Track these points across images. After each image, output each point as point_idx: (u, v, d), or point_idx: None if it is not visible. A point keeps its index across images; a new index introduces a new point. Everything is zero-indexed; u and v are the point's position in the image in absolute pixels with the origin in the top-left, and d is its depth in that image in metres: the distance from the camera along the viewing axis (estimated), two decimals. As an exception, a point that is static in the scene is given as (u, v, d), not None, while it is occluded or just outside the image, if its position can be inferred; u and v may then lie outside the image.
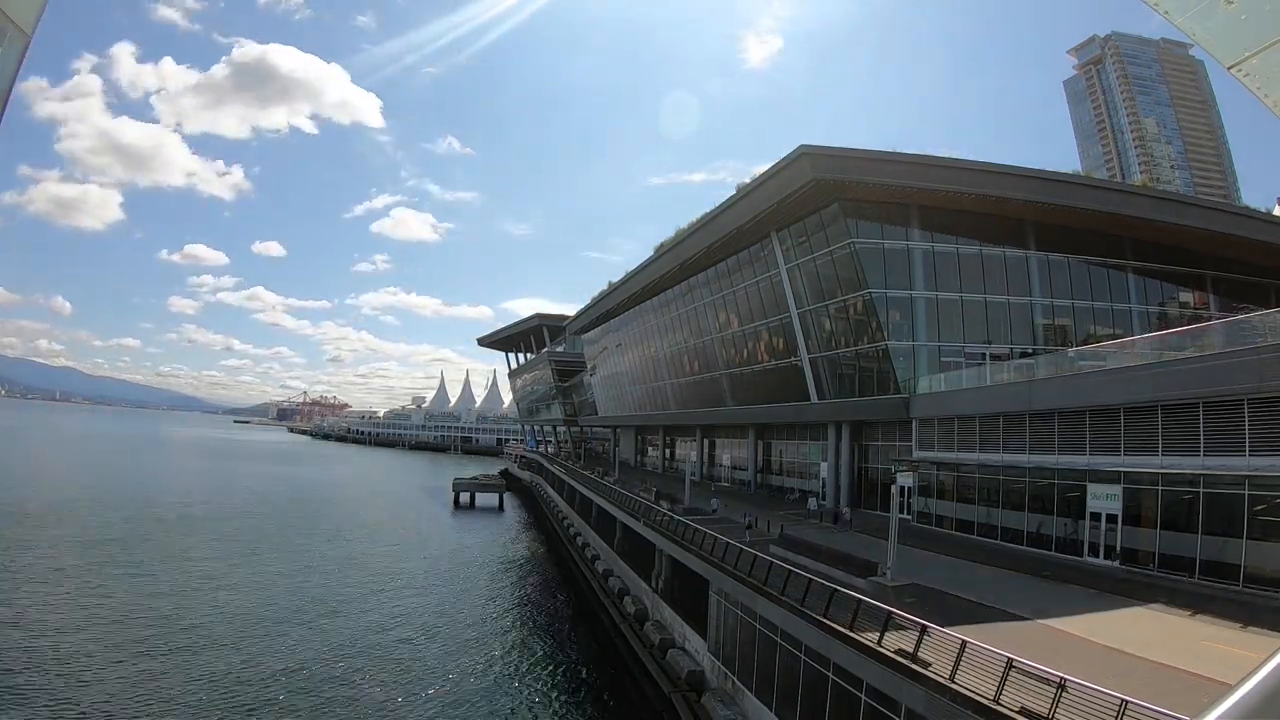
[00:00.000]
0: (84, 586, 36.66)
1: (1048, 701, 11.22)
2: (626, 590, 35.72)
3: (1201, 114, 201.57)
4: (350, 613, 36.41)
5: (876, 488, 39.10)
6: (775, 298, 43.69)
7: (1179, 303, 39.73)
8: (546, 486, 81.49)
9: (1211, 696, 1.96)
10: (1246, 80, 3.29)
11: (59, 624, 30.28)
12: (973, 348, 35.37)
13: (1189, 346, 23.39)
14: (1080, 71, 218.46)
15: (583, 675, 30.00)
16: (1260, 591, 18.98)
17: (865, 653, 15.24)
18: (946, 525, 32.17)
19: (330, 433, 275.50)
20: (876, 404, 36.94)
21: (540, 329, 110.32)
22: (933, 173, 34.11)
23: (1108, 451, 23.97)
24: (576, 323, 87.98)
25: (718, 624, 23.94)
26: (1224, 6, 3.21)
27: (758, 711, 20.39)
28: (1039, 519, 27.26)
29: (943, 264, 36.34)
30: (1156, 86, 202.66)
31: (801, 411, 43.81)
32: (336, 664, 28.67)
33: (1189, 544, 21.41)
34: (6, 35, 4.09)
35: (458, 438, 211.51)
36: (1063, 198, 34.51)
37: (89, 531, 51.40)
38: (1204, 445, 20.69)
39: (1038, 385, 27.60)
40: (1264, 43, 3.16)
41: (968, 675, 12.69)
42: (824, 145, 34.15)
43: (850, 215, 36.14)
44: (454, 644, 32.76)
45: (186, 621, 32.19)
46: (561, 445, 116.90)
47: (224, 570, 43.33)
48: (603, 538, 45.61)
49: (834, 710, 16.79)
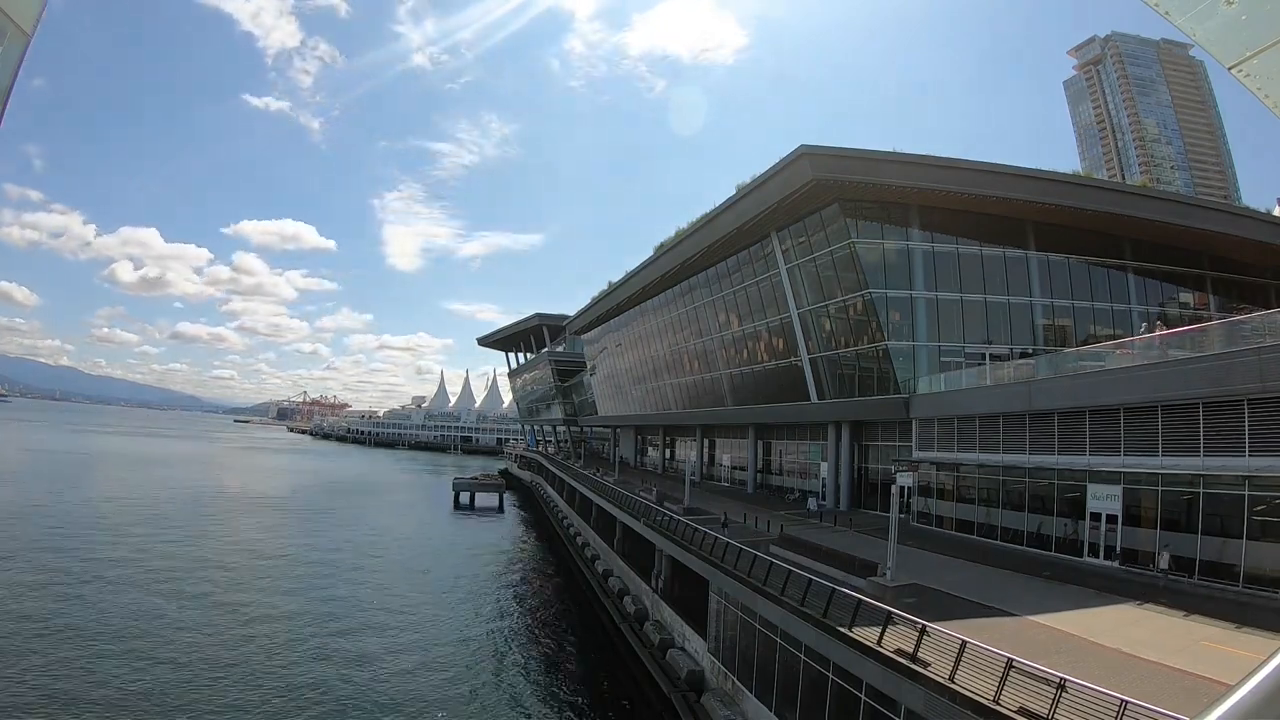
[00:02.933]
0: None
1: (1048, 702, 11.22)
2: (626, 590, 35.72)
3: (1201, 114, 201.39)
4: (349, 613, 36.40)
5: (876, 488, 39.12)
6: (775, 298, 43.69)
7: (1179, 303, 39.71)
8: (546, 486, 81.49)
9: (1211, 697, 1.96)
10: (1246, 80, 3.28)
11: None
12: (973, 348, 35.35)
13: (1189, 346, 23.40)
14: (1080, 71, 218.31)
15: (582, 675, 29.99)
16: (1260, 592, 19.00)
17: (865, 653, 15.25)
18: (946, 525, 32.16)
19: (330, 432, 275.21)
20: (876, 404, 36.94)
21: (540, 329, 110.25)
22: (933, 173, 34.10)
23: (1108, 452, 23.97)
24: (576, 323, 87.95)
25: (718, 624, 23.94)
26: (1224, 7, 3.20)
27: (758, 711, 20.39)
28: (1039, 519, 27.26)
29: (943, 264, 36.34)
30: (1157, 87, 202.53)
31: (801, 411, 43.80)
32: (336, 664, 28.67)
33: (1189, 544, 21.41)
34: (6, 35, 4.09)
35: (458, 437, 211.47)
36: (1063, 198, 34.50)
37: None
38: (1204, 445, 20.69)
39: (1038, 385, 27.59)
40: (1264, 43, 3.16)
41: (968, 675, 12.70)
42: (824, 145, 34.15)
43: (850, 215, 36.15)
44: (453, 644, 32.76)
45: (178, 627, 32.17)
46: (561, 445, 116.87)
47: (216, 581, 43.27)
48: (603, 537, 45.60)
49: (834, 710, 16.79)
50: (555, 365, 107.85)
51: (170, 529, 55.15)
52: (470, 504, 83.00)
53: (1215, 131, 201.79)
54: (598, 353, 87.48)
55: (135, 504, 67.05)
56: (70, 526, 52.74)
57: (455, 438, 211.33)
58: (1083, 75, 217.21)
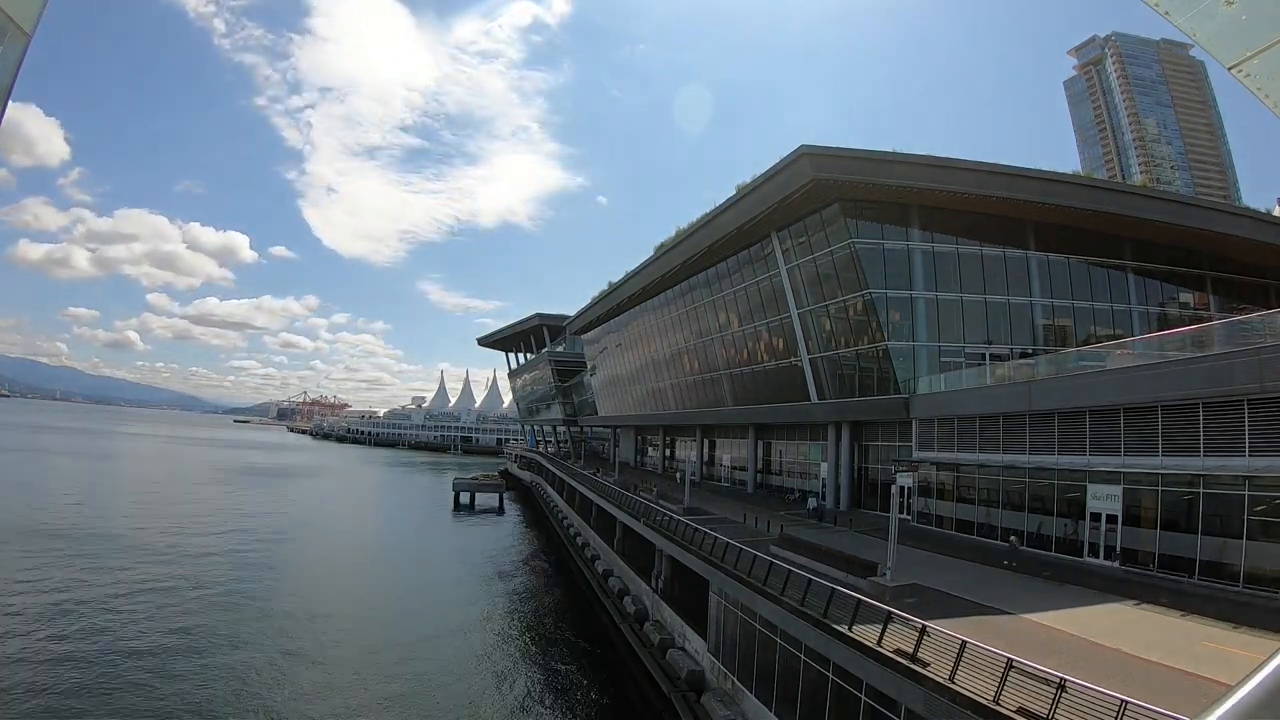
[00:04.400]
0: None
1: (1048, 702, 11.22)
2: (626, 590, 35.71)
3: (1202, 114, 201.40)
4: (349, 613, 36.41)
5: (876, 488, 39.10)
6: (775, 298, 43.68)
7: (1179, 303, 39.69)
8: (546, 486, 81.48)
9: (1211, 697, 1.96)
10: (1246, 80, 3.28)
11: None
12: (973, 348, 35.34)
13: (1188, 347, 23.40)
14: (1080, 72, 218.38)
15: (582, 675, 29.99)
16: (1260, 592, 18.99)
17: (865, 653, 15.25)
18: (946, 525, 32.16)
19: (330, 432, 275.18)
20: (876, 404, 36.92)
21: (540, 329, 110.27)
22: (933, 173, 34.07)
23: (1108, 452, 23.96)
24: (576, 323, 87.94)
25: (718, 624, 23.93)
26: (1224, 7, 3.20)
27: (757, 711, 20.39)
28: (1039, 519, 27.25)
29: (943, 264, 36.32)
30: (1157, 87, 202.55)
31: (801, 412, 43.78)
32: (335, 664, 28.68)
33: (1188, 544, 21.41)
34: (7, 35, 4.08)
35: (458, 438, 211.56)
36: (1063, 198, 34.48)
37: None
38: (1204, 446, 20.69)
39: (1038, 385, 27.58)
40: (1264, 43, 3.16)
41: (968, 676, 12.69)
42: (824, 145, 34.10)
43: (850, 215, 36.14)
44: (453, 644, 32.78)
45: (175, 623, 32.19)
46: (561, 445, 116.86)
47: (215, 581, 43.28)
48: (603, 538, 45.59)
49: (834, 710, 16.79)
50: (555, 365, 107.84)
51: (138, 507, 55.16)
52: (470, 504, 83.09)
53: (1215, 131, 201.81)
54: (598, 353, 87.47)
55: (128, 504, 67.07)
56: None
57: (455, 438, 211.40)
58: (1083, 75, 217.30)
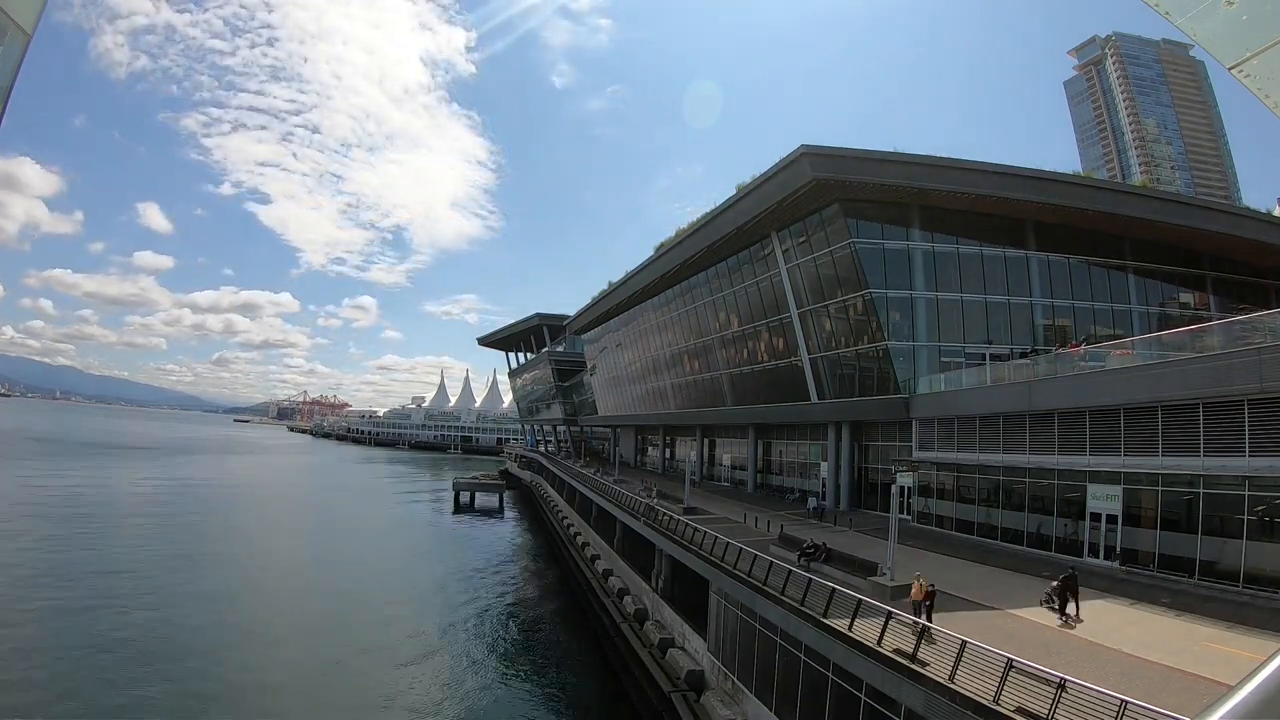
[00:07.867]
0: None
1: (1048, 702, 11.22)
2: (626, 590, 35.71)
3: (1202, 114, 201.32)
4: (348, 613, 36.40)
5: (876, 488, 39.10)
6: (775, 297, 43.67)
7: (1179, 303, 39.68)
8: (546, 486, 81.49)
9: (1212, 697, 1.96)
10: (1247, 80, 3.28)
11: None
12: (973, 348, 35.33)
13: (1188, 347, 23.38)
14: (1080, 72, 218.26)
15: (582, 674, 30.01)
16: (1260, 592, 19.00)
17: (865, 653, 15.24)
18: (946, 525, 32.16)
19: (330, 432, 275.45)
20: (876, 404, 36.91)
21: (540, 329, 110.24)
22: (933, 173, 34.06)
23: (1108, 452, 23.96)
24: (576, 322, 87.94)
25: (718, 624, 23.93)
26: (1224, 7, 3.21)
27: (758, 711, 20.39)
28: (1039, 519, 27.26)
29: (943, 264, 36.32)
30: (1157, 87, 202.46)
31: (801, 411, 43.78)
32: (334, 664, 28.67)
33: (1189, 545, 21.41)
34: (7, 35, 4.09)
35: (458, 437, 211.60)
36: (1063, 198, 34.47)
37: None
38: (1204, 446, 20.68)
39: (1038, 385, 27.57)
40: (1264, 43, 3.16)
41: (968, 675, 12.69)
42: (824, 145, 34.08)
43: (850, 215, 36.12)
44: (454, 644, 32.78)
45: (179, 623, 32.20)
46: (561, 445, 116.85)
47: (222, 581, 43.30)
48: (603, 537, 45.60)
49: (834, 710, 16.79)
50: (555, 365, 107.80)
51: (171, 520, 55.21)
52: (470, 504, 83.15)
53: (1215, 131, 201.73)
54: (598, 352, 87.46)
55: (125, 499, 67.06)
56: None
57: (455, 437, 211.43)
58: (1083, 75, 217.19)
